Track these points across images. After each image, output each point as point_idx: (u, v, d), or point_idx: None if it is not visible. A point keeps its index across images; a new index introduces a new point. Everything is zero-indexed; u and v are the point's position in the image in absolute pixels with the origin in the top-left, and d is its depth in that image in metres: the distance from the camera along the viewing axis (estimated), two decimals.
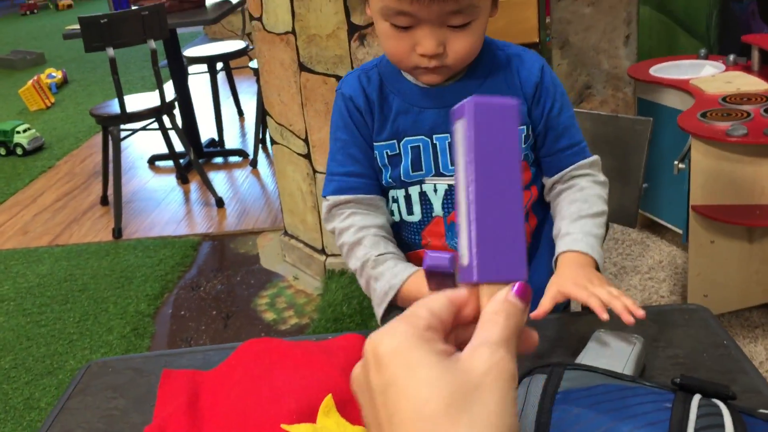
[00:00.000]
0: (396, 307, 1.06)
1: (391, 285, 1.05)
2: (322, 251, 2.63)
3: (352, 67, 2.25)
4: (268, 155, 4.03)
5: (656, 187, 2.50)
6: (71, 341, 2.48)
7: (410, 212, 1.14)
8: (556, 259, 1.05)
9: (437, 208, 1.12)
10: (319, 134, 2.43)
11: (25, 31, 9.60)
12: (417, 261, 1.13)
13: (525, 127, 1.11)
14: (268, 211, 3.34)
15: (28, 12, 11.28)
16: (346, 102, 1.13)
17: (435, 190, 1.12)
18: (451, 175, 1.10)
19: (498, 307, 0.40)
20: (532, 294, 0.41)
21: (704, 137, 1.99)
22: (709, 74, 2.38)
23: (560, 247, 1.06)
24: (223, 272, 2.86)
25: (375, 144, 1.12)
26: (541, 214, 1.21)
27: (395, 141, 1.11)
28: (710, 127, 2.00)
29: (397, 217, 1.16)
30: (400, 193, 1.14)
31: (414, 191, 1.13)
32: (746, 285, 2.13)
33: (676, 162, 2.15)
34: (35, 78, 5.61)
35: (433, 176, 1.11)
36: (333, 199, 1.14)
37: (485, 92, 1.08)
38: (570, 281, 0.96)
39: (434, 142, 1.09)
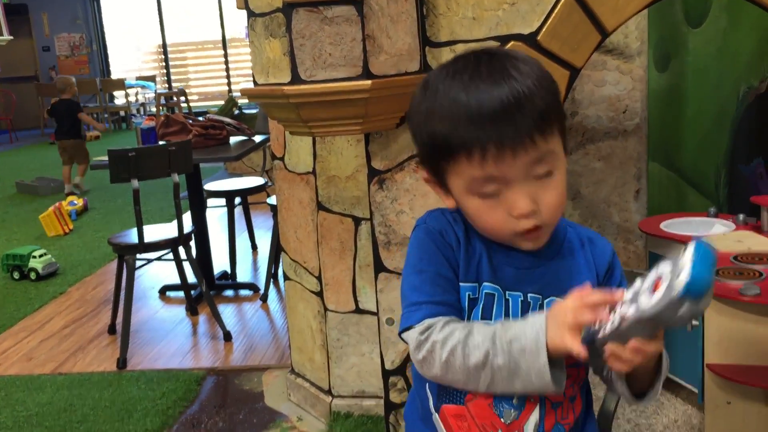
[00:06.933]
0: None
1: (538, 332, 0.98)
2: (329, 392, 2.57)
3: (370, 209, 2.30)
4: (279, 291, 4.04)
5: (669, 343, 2.45)
6: None
7: None
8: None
9: None
10: (332, 272, 2.44)
11: (51, 159, 9.91)
12: (449, 416, 1.08)
13: None
14: (275, 347, 3.31)
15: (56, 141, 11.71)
16: (434, 236, 1.08)
17: None
18: None
19: None
20: None
21: (717, 295, 1.99)
22: (719, 232, 2.41)
23: None
24: (226, 409, 2.79)
25: (461, 284, 1.08)
26: (587, 396, 1.19)
27: (476, 284, 1.07)
28: (723, 285, 2.01)
29: None
30: None
31: None
32: None
33: None
34: (57, 204, 5.75)
35: None
36: (427, 321, 1.04)
37: (568, 268, 1.11)
38: None
39: (507, 297, 1.07)
